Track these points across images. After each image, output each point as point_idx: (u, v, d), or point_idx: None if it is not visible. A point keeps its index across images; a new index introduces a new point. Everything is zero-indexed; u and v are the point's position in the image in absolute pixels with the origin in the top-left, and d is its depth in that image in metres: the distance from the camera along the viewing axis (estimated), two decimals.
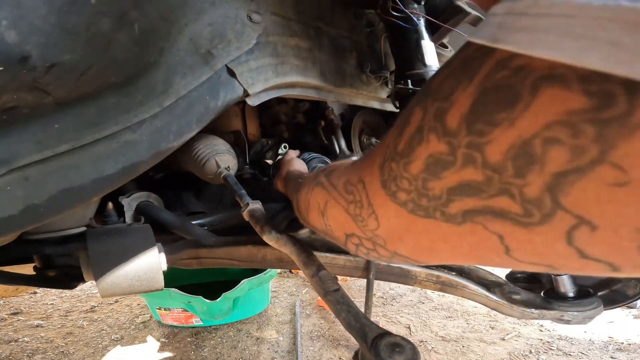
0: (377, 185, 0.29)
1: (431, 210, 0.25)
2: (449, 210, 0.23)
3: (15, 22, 0.31)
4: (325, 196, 0.40)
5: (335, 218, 0.39)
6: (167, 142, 0.49)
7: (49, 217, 0.40)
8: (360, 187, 0.33)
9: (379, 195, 0.30)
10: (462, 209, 0.22)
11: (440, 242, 0.26)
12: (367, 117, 1.13)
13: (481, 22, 0.20)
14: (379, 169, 0.29)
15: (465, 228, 0.23)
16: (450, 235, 0.25)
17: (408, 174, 0.25)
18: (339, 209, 0.37)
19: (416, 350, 0.35)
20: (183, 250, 0.77)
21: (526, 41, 0.16)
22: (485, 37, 0.18)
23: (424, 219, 0.26)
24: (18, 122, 0.36)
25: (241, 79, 0.58)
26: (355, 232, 0.36)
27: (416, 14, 0.76)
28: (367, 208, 0.32)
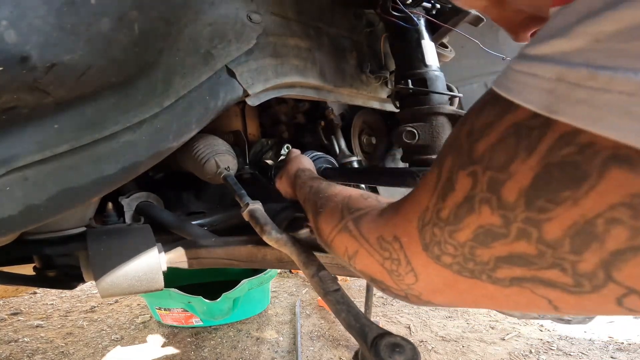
0: (418, 248, 0.29)
1: (477, 272, 0.25)
2: (497, 275, 0.23)
3: (15, 23, 0.31)
4: (355, 245, 0.39)
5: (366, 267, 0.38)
6: (166, 142, 0.49)
7: (49, 217, 0.40)
8: (396, 246, 0.32)
9: (420, 257, 0.29)
10: (510, 276, 0.23)
11: (484, 299, 0.27)
12: (367, 117, 1.13)
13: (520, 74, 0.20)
14: (418, 231, 0.29)
15: (513, 290, 0.23)
16: (497, 294, 0.25)
17: (454, 240, 0.25)
18: (372, 261, 0.36)
19: (416, 351, 0.34)
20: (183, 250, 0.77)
21: (588, 117, 0.16)
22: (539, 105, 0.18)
23: (470, 280, 0.26)
24: (18, 123, 0.36)
25: (241, 79, 0.58)
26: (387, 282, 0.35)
27: (416, 14, 0.76)
28: (406, 266, 0.31)
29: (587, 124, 0.16)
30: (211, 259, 0.69)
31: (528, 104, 0.19)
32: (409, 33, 0.77)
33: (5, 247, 0.52)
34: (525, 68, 0.19)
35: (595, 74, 0.16)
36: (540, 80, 0.18)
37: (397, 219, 0.32)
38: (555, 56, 0.18)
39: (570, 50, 0.17)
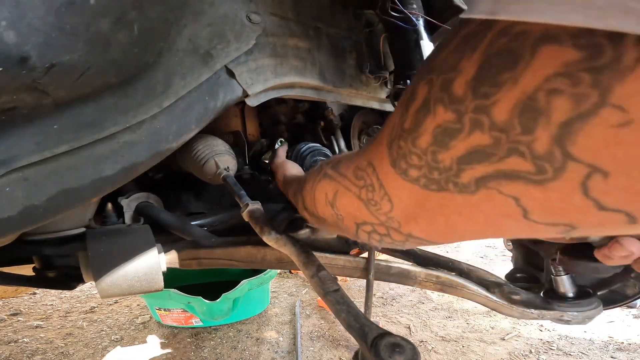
0: (387, 166, 0.29)
1: (443, 182, 0.25)
2: (461, 180, 0.23)
3: (14, 23, 0.31)
4: (334, 186, 0.39)
5: (345, 206, 0.38)
6: (166, 142, 0.49)
7: (49, 217, 0.40)
8: (370, 170, 0.32)
9: (390, 176, 0.30)
10: (474, 177, 0.23)
11: (455, 216, 0.26)
12: (366, 118, 1.13)
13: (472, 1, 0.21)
14: (388, 149, 0.29)
15: (480, 196, 0.23)
16: (465, 206, 0.25)
17: (417, 148, 0.25)
18: (350, 197, 0.36)
19: (416, 351, 0.34)
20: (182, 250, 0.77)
21: (521, 10, 0.18)
22: (484, 12, 0.19)
23: (438, 193, 0.26)
24: (17, 123, 0.36)
25: (240, 79, 0.58)
26: (367, 219, 0.35)
27: (415, 14, 0.76)
28: (379, 190, 0.32)
29: (519, 16, 0.18)
30: (211, 259, 0.69)
31: (476, 14, 0.20)
32: (408, 33, 0.77)
33: (4, 247, 0.52)
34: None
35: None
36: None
37: (371, 145, 0.33)
38: None
39: None
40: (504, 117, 0.20)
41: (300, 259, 0.54)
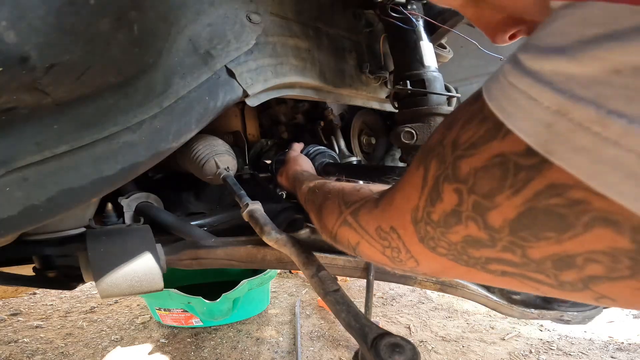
0: (415, 240, 0.30)
1: (472, 264, 0.26)
2: (489, 267, 0.25)
3: (14, 23, 0.31)
4: (356, 237, 0.40)
5: (369, 256, 0.40)
6: (166, 142, 0.49)
7: (49, 217, 0.40)
8: (394, 236, 0.33)
9: (418, 247, 0.31)
10: (500, 270, 0.24)
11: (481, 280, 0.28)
12: (366, 118, 1.13)
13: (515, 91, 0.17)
14: (413, 224, 0.30)
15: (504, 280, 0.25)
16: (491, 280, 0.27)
17: (446, 240, 0.26)
18: (374, 251, 0.37)
19: (416, 351, 0.34)
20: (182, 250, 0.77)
21: (588, 171, 0.15)
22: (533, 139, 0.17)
23: (465, 267, 0.27)
24: (17, 123, 0.36)
25: (240, 79, 0.58)
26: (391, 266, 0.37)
27: (415, 15, 0.76)
28: (406, 254, 0.33)
29: (583, 176, 0.15)
30: (211, 259, 0.69)
31: (521, 133, 0.17)
32: (407, 34, 0.77)
33: (5, 247, 0.52)
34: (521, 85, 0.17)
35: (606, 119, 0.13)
36: (537, 107, 0.16)
37: (392, 212, 0.33)
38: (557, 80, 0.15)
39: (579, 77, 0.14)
40: (539, 257, 0.20)
41: (300, 259, 0.54)
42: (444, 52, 0.97)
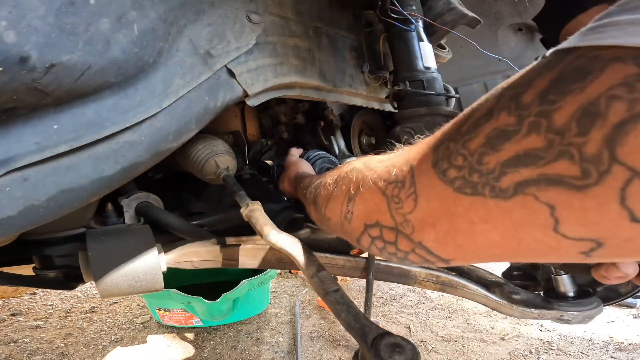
0: (427, 165, 0.30)
1: (480, 186, 0.26)
2: (501, 185, 0.24)
3: (14, 23, 0.31)
4: (360, 179, 0.39)
5: (364, 202, 0.38)
6: (166, 142, 0.49)
7: (49, 217, 0.40)
8: (406, 167, 0.33)
9: (426, 174, 0.30)
10: (514, 181, 0.24)
11: (480, 224, 0.27)
12: (366, 118, 1.13)
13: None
14: (433, 150, 0.30)
15: (515, 202, 0.24)
16: (495, 212, 0.26)
17: (466, 150, 0.27)
18: (374, 191, 0.36)
19: (416, 351, 0.34)
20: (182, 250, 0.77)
21: (599, 38, 0.21)
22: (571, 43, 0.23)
23: (470, 197, 0.27)
24: (17, 123, 0.36)
25: (240, 79, 0.58)
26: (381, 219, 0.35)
27: (414, 16, 0.76)
28: (409, 188, 0.32)
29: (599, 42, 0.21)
30: (211, 259, 0.69)
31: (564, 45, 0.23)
32: (407, 34, 0.77)
33: (4, 247, 0.52)
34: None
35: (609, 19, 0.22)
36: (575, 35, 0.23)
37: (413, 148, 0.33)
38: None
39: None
40: (563, 120, 0.22)
41: (300, 259, 0.54)
42: (443, 52, 0.97)
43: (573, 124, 0.21)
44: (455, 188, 0.27)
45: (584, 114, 0.21)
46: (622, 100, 0.20)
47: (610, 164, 0.20)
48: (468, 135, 0.27)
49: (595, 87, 0.21)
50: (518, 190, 0.24)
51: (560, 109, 0.22)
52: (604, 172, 0.20)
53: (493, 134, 0.25)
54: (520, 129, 0.23)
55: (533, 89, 0.23)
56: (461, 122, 0.28)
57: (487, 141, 0.25)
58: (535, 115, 0.23)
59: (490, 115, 0.25)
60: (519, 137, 0.23)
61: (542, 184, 0.23)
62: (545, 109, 0.22)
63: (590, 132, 0.21)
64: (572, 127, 0.21)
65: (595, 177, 0.21)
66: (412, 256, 0.34)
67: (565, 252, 0.24)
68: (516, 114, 0.24)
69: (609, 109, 0.20)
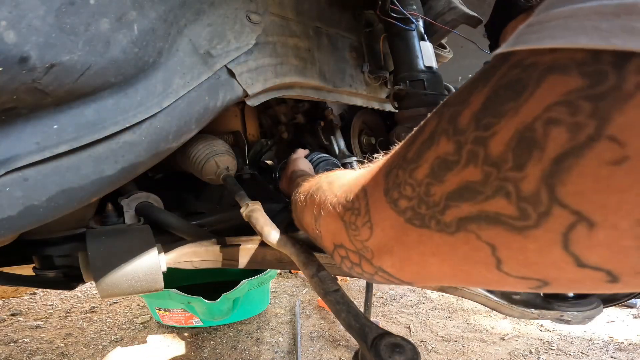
0: (380, 194, 0.29)
1: (427, 219, 0.24)
2: (445, 219, 0.23)
3: (14, 23, 0.31)
4: (322, 202, 0.39)
5: (327, 225, 0.38)
6: (166, 142, 0.49)
7: (49, 218, 0.40)
8: (361, 194, 0.32)
9: (379, 203, 0.29)
10: (457, 217, 0.22)
11: (429, 256, 0.26)
12: (366, 118, 1.13)
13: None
14: (384, 177, 0.29)
15: (458, 238, 0.22)
16: (442, 246, 0.24)
17: (413, 179, 0.25)
18: (334, 217, 0.36)
19: (416, 351, 0.34)
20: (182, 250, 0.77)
21: (535, 39, 0.18)
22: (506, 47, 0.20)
23: (418, 230, 0.25)
24: (17, 123, 0.36)
25: (240, 79, 0.58)
26: (344, 243, 0.35)
27: (415, 15, 0.76)
28: (364, 216, 0.31)
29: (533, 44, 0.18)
30: (211, 259, 0.69)
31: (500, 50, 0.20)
32: (407, 34, 0.77)
33: (4, 247, 0.52)
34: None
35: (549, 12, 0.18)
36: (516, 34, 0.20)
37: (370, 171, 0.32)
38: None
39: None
40: (499, 150, 0.19)
41: (300, 259, 0.54)
42: (443, 52, 0.97)
43: (509, 154, 0.18)
44: (406, 219, 0.26)
45: (519, 142, 0.18)
46: (561, 126, 0.16)
47: (550, 205, 0.17)
48: (414, 163, 0.25)
49: (531, 107, 0.18)
50: (460, 226, 0.22)
51: (495, 135, 0.19)
52: (543, 214, 0.18)
53: (436, 163, 0.23)
54: (460, 159, 0.21)
55: (469, 108, 0.21)
56: (407, 145, 0.27)
57: (431, 171, 0.23)
58: (472, 142, 0.20)
59: (431, 140, 0.24)
60: (459, 167, 0.21)
61: (482, 222, 0.21)
62: (481, 135, 0.20)
63: (526, 167, 0.18)
64: (507, 158, 0.18)
65: (535, 219, 0.18)
66: (377, 277, 0.34)
67: (514, 286, 0.23)
68: (454, 139, 0.22)
69: (547, 137, 0.17)
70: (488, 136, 0.19)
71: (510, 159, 0.18)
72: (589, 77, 0.16)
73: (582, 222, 0.17)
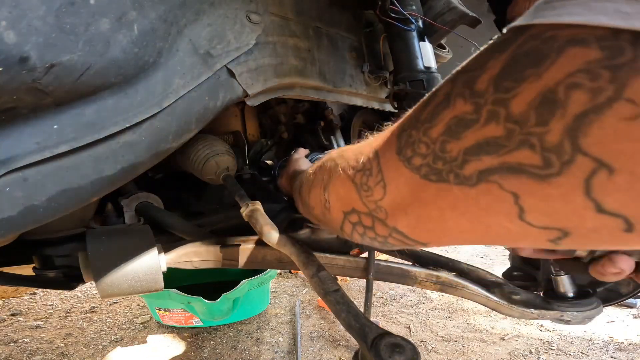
0: (392, 153, 0.30)
1: (445, 173, 0.25)
2: (464, 172, 0.24)
3: (14, 23, 0.31)
4: (332, 168, 0.39)
5: (337, 191, 0.38)
6: (166, 142, 0.49)
7: (49, 218, 0.40)
8: (372, 155, 0.33)
9: (392, 162, 0.30)
10: (477, 169, 0.23)
11: (448, 210, 0.26)
12: (366, 118, 1.13)
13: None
14: (397, 138, 0.29)
15: (479, 189, 0.23)
16: (461, 200, 0.25)
17: (427, 138, 0.26)
18: (344, 179, 0.36)
19: (416, 351, 0.34)
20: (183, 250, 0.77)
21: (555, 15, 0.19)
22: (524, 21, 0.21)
23: (436, 184, 0.26)
24: (17, 123, 0.36)
25: (240, 79, 0.58)
26: (356, 206, 0.35)
27: (414, 16, 0.76)
28: (377, 175, 0.32)
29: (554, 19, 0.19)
30: (211, 259, 0.69)
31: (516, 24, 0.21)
32: (407, 34, 0.77)
33: (4, 247, 0.52)
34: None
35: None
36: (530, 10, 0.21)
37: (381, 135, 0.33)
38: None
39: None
40: (521, 109, 0.20)
41: (300, 259, 0.54)
42: (443, 52, 0.97)
43: (532, 113, 0.20)
44: (422, 175, 0.27)
45: (542, 103, 0.20)
46: (583, 89, 0.18)
47: (573, 154, 0.19)
48: (428, 123, 0.26)
49: (553, 74, 0.19)
50: (481, 178, 0.23)
51: (516, 97, 0.20)
52: (567, 162, 0.19)
53: (452, 122, 0.24)
54: (479, 118, 0.22)
55: (487, 73, 0.22)
56: (420, 108, 0.28)
57: (447, 129, 0.24)
58: (492, 103, 0.22)
59: (447, 102, 0.25)
60: (478, 125, 0.22)
61: (505, 172, 0.22)
62: (502, 97, 0.21)
63: (550, 122, 0.19)
64: (530, 116, 0.20)
65: (558, 167, 0.19)
66: (391, 240, 0.34)
67: (534, 239, 0.24)
68: (472, 101, 0.23)
69: (569, 98, 0.19)
70: (509, 98, 0.21)
71: (533, 116, 0.20)
72: (609, 50, 0.18)
73: (602, 168, 0.18)
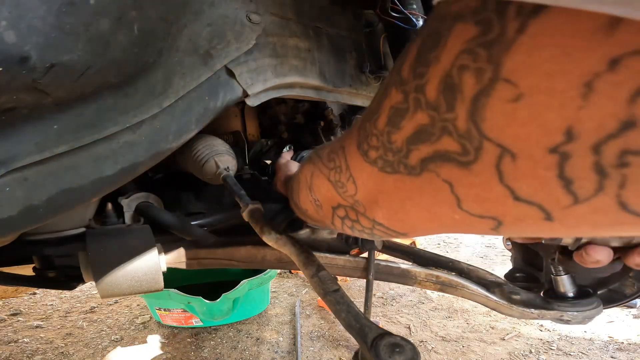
0: (354, 147, 0.30)
1: (396, 164, 0.25)
2: (410, 162, 0.24)
3: (14, 23, 0.31)
4: (311, 168, 0.40)
5: (319, 189, 0.39)
6: (166, 142, 0.49)
7: (49, 217, 0.40)
8: (340, 152, 0.33)
9: (355, 157, 0.30)
10: (419, 158, 0.23)
11: (407, 201, 0.27)
12: None
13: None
14: (357, 131, 0.30)
15: (424, 179, 0.23)
16: (413, 190, 0.25)
17: (376, 129, 0.26)
18: (322, 178, 0.37)
19: (416, 351, 0.34)
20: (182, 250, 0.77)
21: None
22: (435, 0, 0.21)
23: (392, 176, 0.26)
24: (17, 123, 0.36)
25: (240, 79, 0.58)
26: (340, 201, 0.36)
27: (415, 15, 0.76)
28: (345, 172, 0.32)
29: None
30: (211, 259, 0.69)
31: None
32: (407, 34, 0.77)
33: (4, 247, 0.52)
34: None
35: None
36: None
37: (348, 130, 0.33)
38: None
39: None
40: (433, 95, 0.20)
41: (300, 258, 0.54)
42: None
43: (441, 98, 0.20)
44: (379, 168, 0.27)
45: (445, 87, 0.19)
46: (470, 71, 0.18)
47: (480, 139, 0.18)
48: (375, 114, 0.26)
49: (447, 56, 0.19)
50: (423, 166, 0.23)
51: (428, 83, 0.20)
52: (477, 148, 0.19)
53: (391, 112, 0.24)
54: (409, 107, 0.22)
55: (408, 59, 0.22)
56: (372, 99, 0.28)
57: (389, 120, 0.24)
58: (414, 90, 0.21)
59: (386, 91, 0.25)
60: (409, 114, 0.22)
61: (438, 160, 0.22)
62: (419, 84, 0.21)
63: (455, 107, 0.19)
64: (441, 102, 0.20)
65: (473, 154, 0.19)
66: (376, 231, 0.34)
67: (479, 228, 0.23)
68: (401, 89, 0.23)
69: (462, 81, 0.18)
70: (424, 84, 0.21)
71: (443, 102, 0.20)
72: (481, 25, 0.17)
73: (506, 154, 0.18)
